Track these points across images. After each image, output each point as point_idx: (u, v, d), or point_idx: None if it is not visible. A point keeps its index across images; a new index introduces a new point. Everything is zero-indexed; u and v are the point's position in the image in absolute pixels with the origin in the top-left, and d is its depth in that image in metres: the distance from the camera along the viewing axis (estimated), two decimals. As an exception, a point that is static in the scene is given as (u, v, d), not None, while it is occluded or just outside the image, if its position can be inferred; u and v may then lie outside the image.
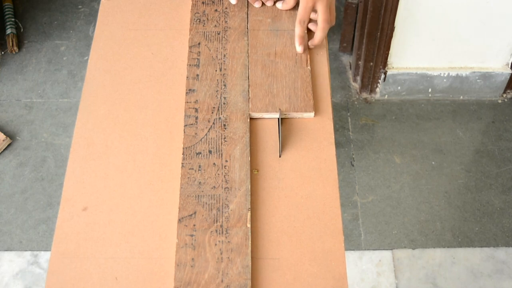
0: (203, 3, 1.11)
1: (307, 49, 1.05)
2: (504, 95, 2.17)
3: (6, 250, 1.84)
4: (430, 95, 2.16)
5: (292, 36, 1.06)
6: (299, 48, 1.04)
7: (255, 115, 0.96)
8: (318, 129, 0.96)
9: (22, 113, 2.16)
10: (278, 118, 0.96)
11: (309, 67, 1.02)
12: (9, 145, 2.07)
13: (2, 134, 2.06)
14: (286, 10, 1.10)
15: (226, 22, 1.09)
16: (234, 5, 1.12)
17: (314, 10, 1.04)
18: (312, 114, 0.96)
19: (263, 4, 1.11)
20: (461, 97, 2.18)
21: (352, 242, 1.85)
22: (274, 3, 1.11)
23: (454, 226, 1.88)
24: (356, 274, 1.79)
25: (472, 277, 1.78)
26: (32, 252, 1.84)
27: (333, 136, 0.96)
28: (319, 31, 1.04)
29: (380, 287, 1.76)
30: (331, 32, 1.09)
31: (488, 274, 1.78)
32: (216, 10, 1.10)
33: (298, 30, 1.04)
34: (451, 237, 1.86)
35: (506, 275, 1.78)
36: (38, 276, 1.79)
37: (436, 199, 1.94)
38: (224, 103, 0.97)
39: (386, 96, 2.17)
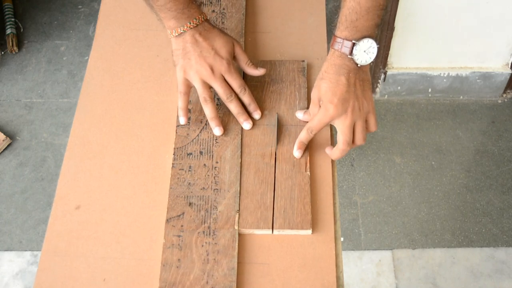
0: (200, 3, 1.11)
1: (308, 150, 0.92)
2: (504, 95, 2.17)
3: (6, 250, 1.84)
4: (430, 95, 2.16)
5: (291, 133, 0.94)
6: (296, 153, 0.91)
7: (245, 231, 0.85)
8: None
9: (22, 113, 2.16)
10: (276, 117, 0.96)
11: (308, 172, 0.89)
12: (9, 145, 2.07)
13: (2, 134, 2.06)
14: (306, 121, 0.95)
15: (223, 23, 1.08)
16: (231, 6, 1.11)
17: (332, 125, 0.91)
18: (309, 231, 0.84)
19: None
20: (461, 97, 2.17)
21: (352, 242, 1.85)
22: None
23: (454, 226, 1.88)
24: (356, 274, 1.79)
25: (472, 277, 1.77)
26: (32, 252, 1.84)
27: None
28: (337, 151, 0.89)
29: (380, 287, 1.76)
30: (330, 33, 1.04)
31: (488, 274, 1.78)
32: (213, 11, 1.10)
33: (303, 136, 0.90)
34: (451, 237, 1.85)
35: (506, 275, 1.78)
36: (38, 276, 1.79)
37: (436, 199, 1.93)
38: (217, 104, 0.97)
39: (386, 96, 2.17)
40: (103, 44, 1.08)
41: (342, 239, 1.82)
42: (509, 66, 2.06)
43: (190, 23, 0.91)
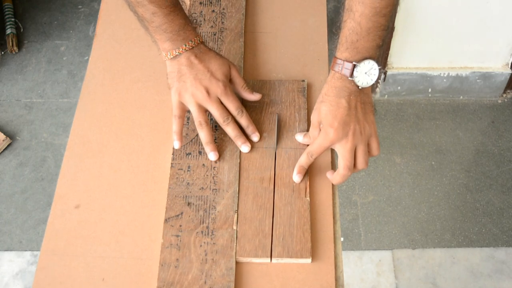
0: (200, 3, 1.11)
1: (308, 174, 0.89)
2: (504, 95, 2.17)
3: (6, 250, 1.84)
4: (430, 95, 2.16)
5: (291, 157, 0.91)
6: (296, 177, 0.88)
7: (242, 259, 0.82)
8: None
9: (22, 113, 2.16)
10: (276, 116, 0.96)
11: (308, 198, 0.87)
12: (9, 145, 2.07)
13: (2, 134, 2.06)
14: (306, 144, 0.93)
15: (222, 23, 1.08)
16: (231, 6, 1.10)
17: (333, 149, 0.89)
18: (309, 260, 0.81)
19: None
20: (461, 97, 2.18)
21: (352, 242, 1.85)
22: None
23: (454, 226, 1.88)
24: (356, 274, 1.79)
25: (472, 277, 1.77)
26: (32, 252, 1.84)
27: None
28: (338, 176, 0.86)
29: (380, 287, 1.76)
30: (331, 32, 1.02)
31: (488, 274, 1.78)
32: (213, 11, 1.10)
33: (303, 160, 0.88)
34: (451, 237, 1.85)
35: (506, 275, 1.78)
36: (38, 276, 1.79)
37: (436, 199, 1.93)
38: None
39: (386, 96, 2.17)
40: (103, 43, 1.08)
41: (342, 239, 1.82)
42: (509, 66, 2.06)
43: (185, 45, 0.89)
